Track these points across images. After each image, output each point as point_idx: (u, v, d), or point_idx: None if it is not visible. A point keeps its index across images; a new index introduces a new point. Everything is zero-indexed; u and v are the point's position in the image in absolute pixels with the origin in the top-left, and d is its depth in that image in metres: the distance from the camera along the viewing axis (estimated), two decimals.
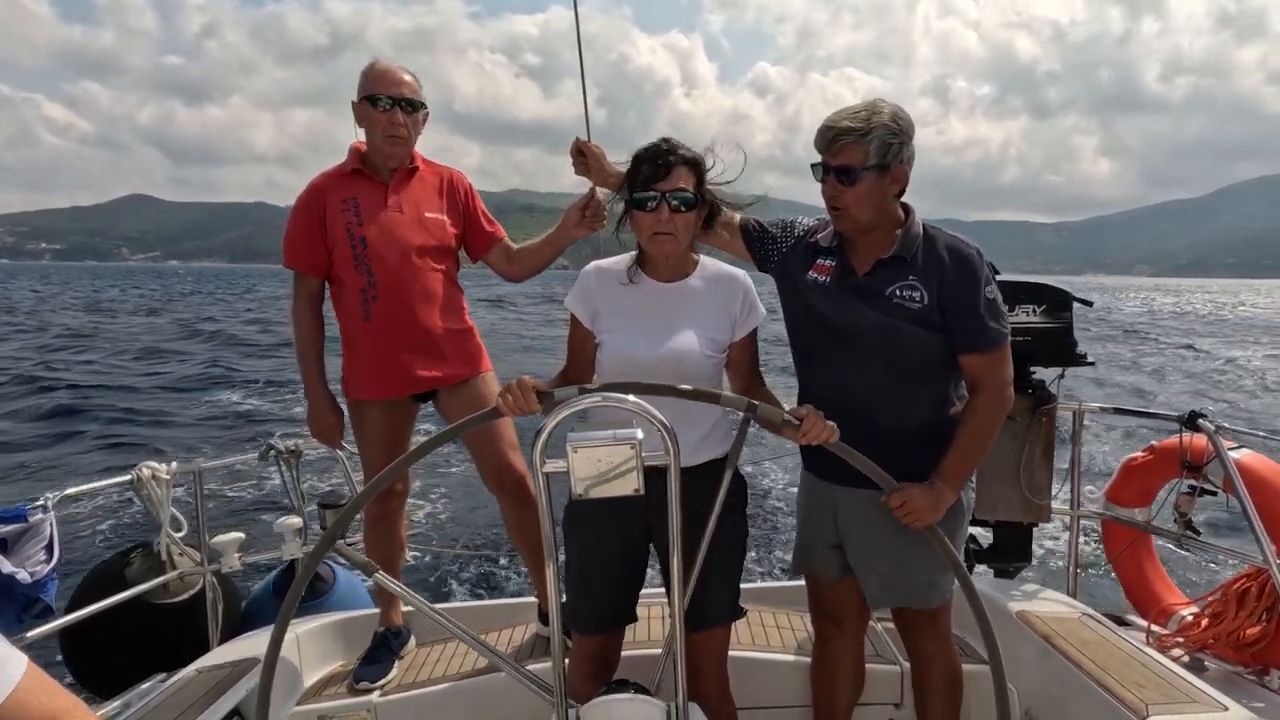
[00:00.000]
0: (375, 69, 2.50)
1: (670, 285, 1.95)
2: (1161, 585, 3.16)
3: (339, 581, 3.54)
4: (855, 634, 2.21)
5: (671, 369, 1.81)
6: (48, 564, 2.44)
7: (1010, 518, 3.20)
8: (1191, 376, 20.99)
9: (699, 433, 1.88)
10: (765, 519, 7.34)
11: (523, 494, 2.61)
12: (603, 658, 2.04)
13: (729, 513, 1.98)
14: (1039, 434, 3.15)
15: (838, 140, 1.85)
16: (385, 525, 2.73)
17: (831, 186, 1.89)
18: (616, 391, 1.47)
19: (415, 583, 5.87)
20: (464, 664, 2.58)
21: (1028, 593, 2.72)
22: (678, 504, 1.47)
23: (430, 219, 2.57)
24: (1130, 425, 10.21)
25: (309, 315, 2.58)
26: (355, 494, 2.95)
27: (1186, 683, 2.00)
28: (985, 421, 1.91)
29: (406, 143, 2.53)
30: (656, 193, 1.81)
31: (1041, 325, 3.18)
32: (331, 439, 2.67)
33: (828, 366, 1.99)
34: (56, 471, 9.95)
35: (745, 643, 2.59)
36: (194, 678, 2.31)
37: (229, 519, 6.93)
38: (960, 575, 1.56)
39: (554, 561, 1.57)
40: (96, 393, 15.83)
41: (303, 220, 2.51)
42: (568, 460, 1.44)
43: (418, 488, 8.35)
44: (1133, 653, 2.19)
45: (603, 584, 1.97)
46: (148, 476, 2.94)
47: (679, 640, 1.55)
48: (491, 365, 2.71)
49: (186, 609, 3.10)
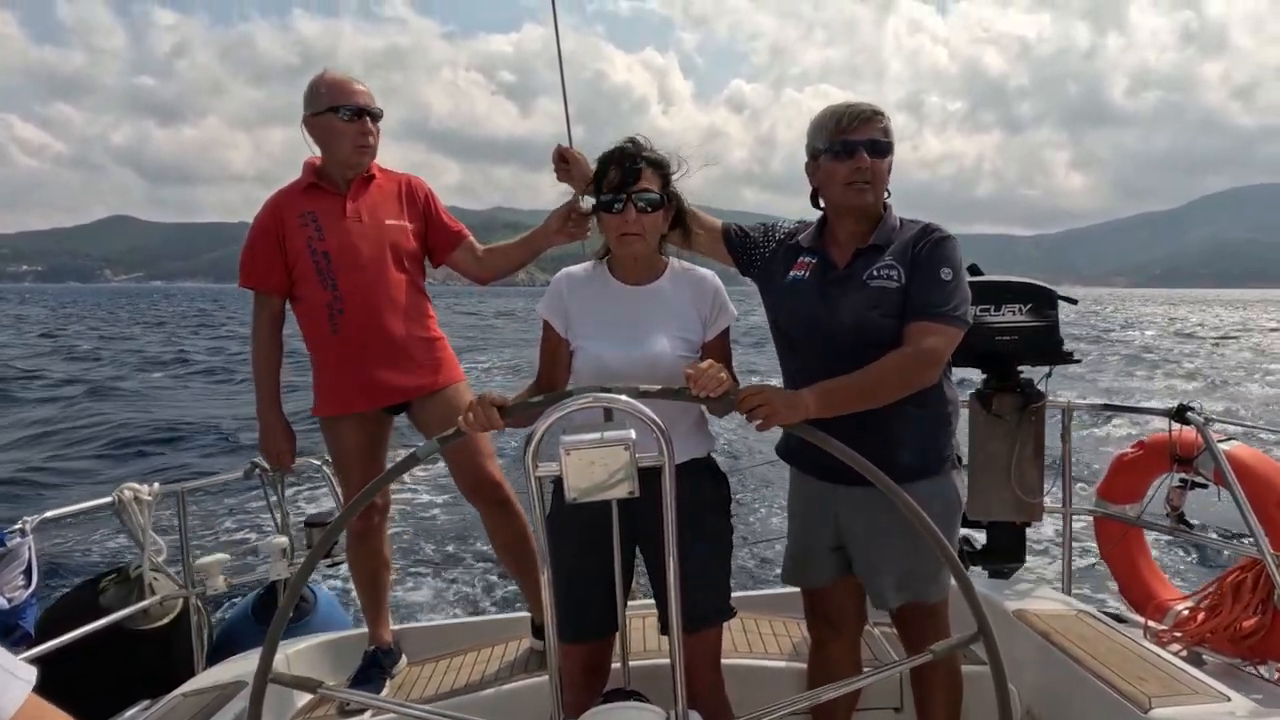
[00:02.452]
0: (329, 80, 2.46)
1: (640, 288, 1.96)
2: (1156, 581, 3.16)
3: (320, 602, 3.48)
4: (853, 637, 2.19)
5: (645, 372, 1.81)
6: (26, 589, 2.38)
7: (1003, 518, 3.18)
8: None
9: (678, 432, 1.87)
10: (757, 523, 7.31)
11: (502, 500, 2.59)
12: (594, 667, 2.01)
13: (712, 510, 1.98)
14: (1029, 432, 3.14)
15: (866, 113, 1.90)
16: (369, 543, 2.68)
17: (863, 159, 1.89)
18: (569, 399, 1.46)
19: (402, 600, 5.79)
20: (456, 681, 2.53)
21: (1023, 591, 2.71)
22: (673, 504, 1.44)
23: (391, 225, 2.54)
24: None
25: (268, 335, 2.55)
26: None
27: (1188, 675, 1.99)
28: (887, 370, 1.79)
29: (373, 151, 2.51)
30: (623, 194, 1.83)
31: (1028, 324, 3.18)
32: (283, 461, 2.63)
33: (813, 367, 1.98)
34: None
35: (741, 649, 2.57)
36: (180, 703, 2.26)
37: (211, 541, 6.83)
38: (956, 571, 1.53)
39: (548, 566, 1.53)
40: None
41: (259, 240, 2.48)
42: (560, 463, 1.41)
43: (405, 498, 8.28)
44: (1132, 647, 2.18)
45: (588, 591, 1.94)
46: (129, 498, 2.87)
47: (677, 643, 1.51)
48: (464, 375, 2.68)
49: (166, 635, 3.03)
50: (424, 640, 2.90)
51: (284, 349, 2.60)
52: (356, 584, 2.77)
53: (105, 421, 14.48)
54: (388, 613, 2.80)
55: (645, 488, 1.47)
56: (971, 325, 3.21)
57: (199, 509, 7.76)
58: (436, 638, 2.91)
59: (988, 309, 3.19)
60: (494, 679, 2.52)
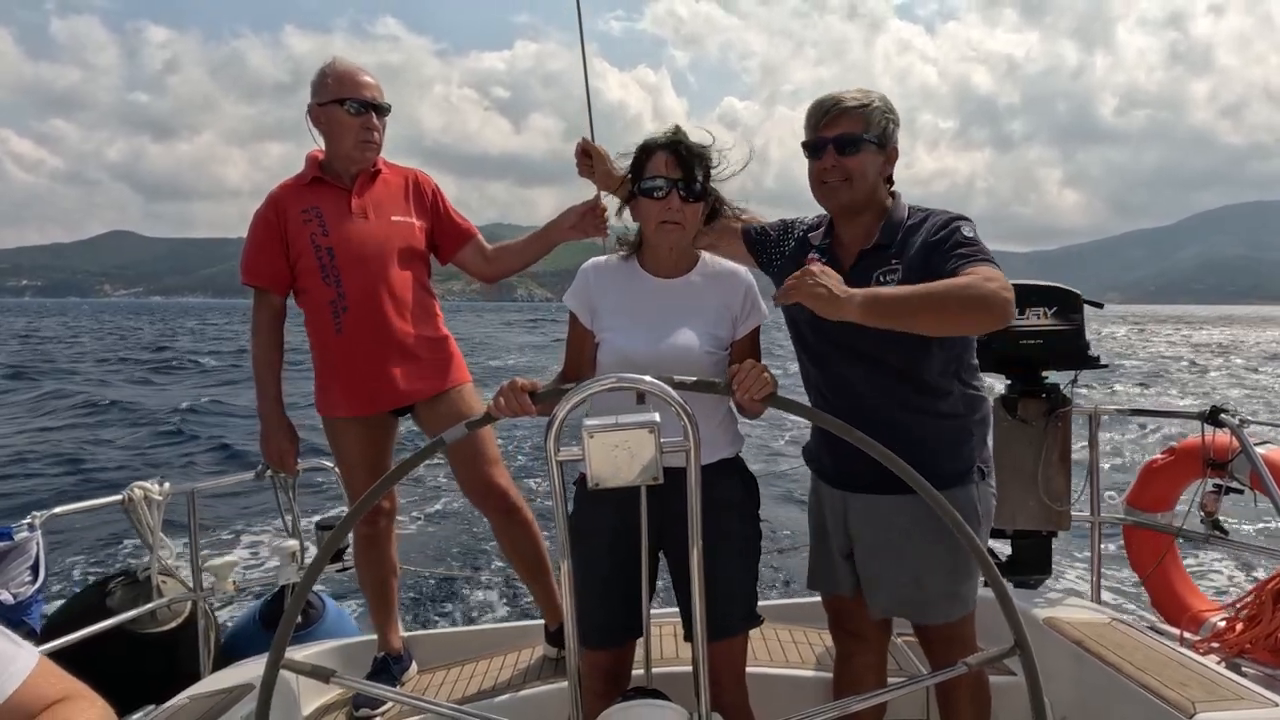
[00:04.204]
0: (338, 70, 2.39)
1: (671, 281, 1.91)
2: (1189, 591, 3.07)
3: (328, 610, 3.42)
4: (878, 648, 2.11)
5: (672, 366, 1.75)
6: (33, 585, 2.34)
7: (1029, 526, 3.10)
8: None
9: (706, 431, 1.81)
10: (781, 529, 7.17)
11: (508, 507, 2.53)
12: (614, 674, 1.95)
13: (740, 513, 1.91)
14: (1055, 438, 3.07)
15: (836, 109, 1.81)
16: (376, 548, 2.63)
17: (830, 158, 1.83)
18: (595, 388, 1.38)
19: (412, 607, 5.71)
20: (469, 688, 2.47)
21: (1052, 600, 2.63)
22: (698, 493, 1.38)
23: (398, 222, 2.48)
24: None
25: (269, 333, 2.49)
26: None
27: (1231, 681, 1.90)
28: (950, 287, 1.57)
29: (378, 147, 2.46)
30: (667, 180, 1.78)
31: (1053, 328, 3.11)
32: (286, 464, 2.56)
33: (828, 369, 1.93)
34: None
35: (763, 658, 2.50)
36: (185, 706, 2.20)
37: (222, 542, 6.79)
38: (993, 579, 1.43)
39: (567, 560, 1.47)
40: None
41: (261, 234, 2.42)
42: (583, 447, 1.36)
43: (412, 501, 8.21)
44: (1170, 654, 2.09)
45: (610, 594, 1.87)
46: (139, 497, 2.82)
47: (700, 643, 1.44)
48: (471, 377, 2.62)
49: (173, 638, 2.97)
50: (435, 647, 2.83)
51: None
52: (364, 589, 2.71)
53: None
54: (397, 618, 2.74)
55: (670, 489, 1.41)
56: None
57: (209, 511, 7.74)
58: (447, 645, 2.85)
59: None
60: (508, 685, 2.45)
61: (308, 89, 2.46)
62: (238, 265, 2.50)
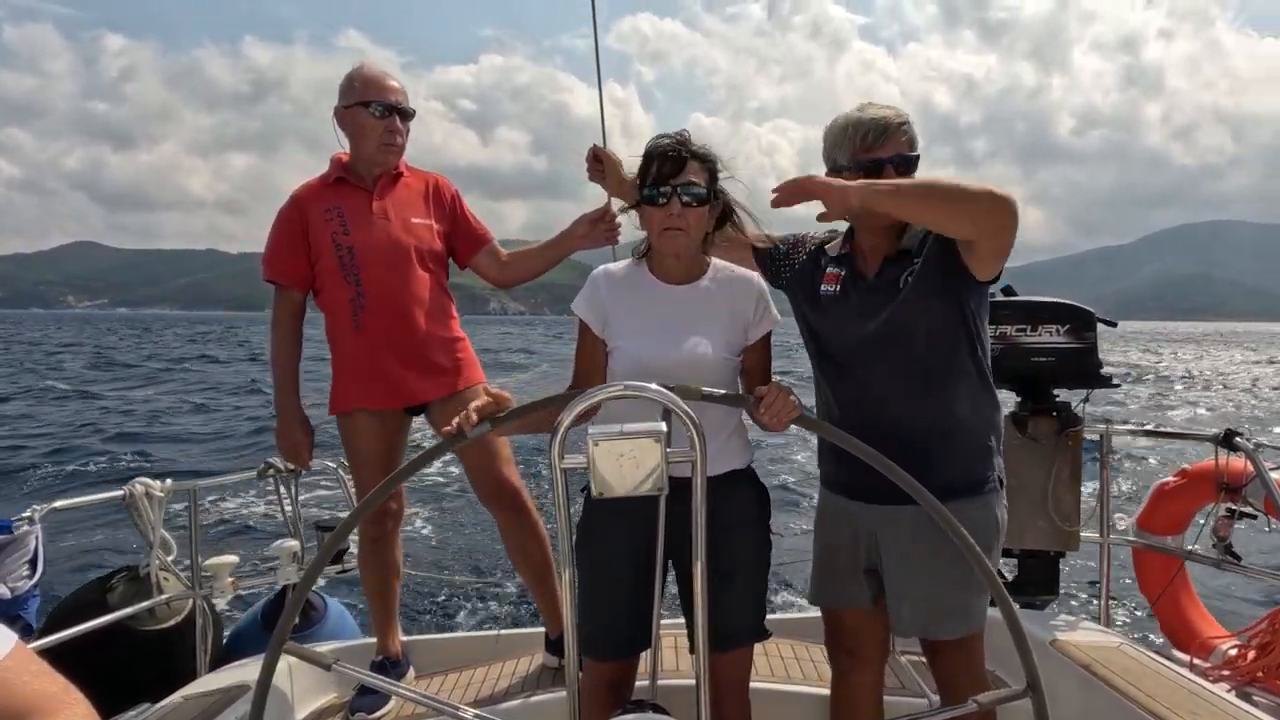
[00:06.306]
0: (364, 74, 2.45)
1: (681, 288, 1.88)
2: (1200, 617, 3.02)
3: (329, 611, 3.40)
4: (875, 667, 2.07)
5: (687, 374, 1.71)
6: (30, 579, 2.32)
7: (1038, 546, 3.06)
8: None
9: (717, 442, 1.78)
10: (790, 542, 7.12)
11: (520, 507, 2.53)
12: (617, 685, 1.91)
13: (750, 524, 1.88)
14: (1065, 457, 3.03)
15: (889, 129, 1.81)
16: (381, 549, 2.62)
17: (891, 176, 1.80)
18: (588, 397, 1.36)
19: (414, 612, 5.68)
20: (467, 694, 2.44)
21: (1060, 623, 2.58)
22: (704, 503, 1.36)
23: (417, 224, 2.52)
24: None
25: (288, 329, 2.52)
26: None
27: (1243, 710, 1.86)
28: (954, 182, 1.65)
29: (401, 150, 2.50)
30: (669, 187, 1.76)
31: (1065, 346, 3.08)
32: (300, 457, 2.58)
33: (848, 379, 1.90)
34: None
35: (764, 674, 2.46)
36: (180, 705, 2.18)
37: (222, 541, 6.78)
38: (997, 592, 1.41)
39: (570, 567, 1.44)
40: None
41: (284, 231, 2.46)
42: (588, 454, 1.33)
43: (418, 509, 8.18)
44: (1180, 681, 2.05)
45: (617, 606, 1.84)
46: (140, 493, 2.81)
47: (702, 656, 1.42)
48: (484, 376, 2.62)
49: (171, 636, 2.95)
50: (433, 653, 2.81)
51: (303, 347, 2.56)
52: (366, 591, 2.70)
53: None
54: (397, 623, 2.72)
55: (678, 499, 1.38)
56: (1007, 345, 3.13)
57: (211, 508, 7.73)
58: (446, 651, 2.83)
59: (1024, 329, 3.10)
60: (506, 694, 2.42)
61: (268, 100, 2.51)
62: (211, 279, 2.50)
